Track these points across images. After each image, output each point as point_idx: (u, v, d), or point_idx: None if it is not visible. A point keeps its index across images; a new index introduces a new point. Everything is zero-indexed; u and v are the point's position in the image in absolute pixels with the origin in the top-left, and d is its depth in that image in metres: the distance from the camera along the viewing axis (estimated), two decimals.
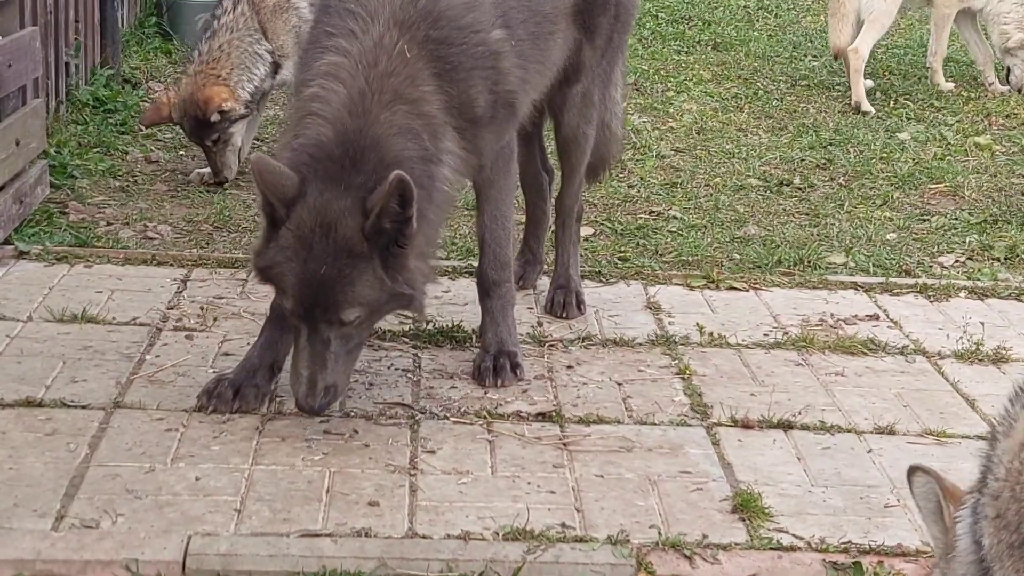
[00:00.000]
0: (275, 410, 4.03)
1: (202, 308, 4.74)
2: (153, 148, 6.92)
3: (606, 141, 5.08)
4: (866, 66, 8.63)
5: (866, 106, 8.39)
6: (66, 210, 5.75)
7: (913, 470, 2.48)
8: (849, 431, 4.04)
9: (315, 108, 3.85)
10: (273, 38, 6.52)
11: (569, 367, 4.45)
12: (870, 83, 8.90)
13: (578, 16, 4.58)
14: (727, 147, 7.47)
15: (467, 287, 4.98)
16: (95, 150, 6.67)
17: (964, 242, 6.04)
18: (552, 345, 4.62)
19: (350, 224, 3.71)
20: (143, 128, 6.96)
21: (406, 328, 4.66)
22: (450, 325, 4.64)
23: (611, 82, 4.94)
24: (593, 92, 4.80)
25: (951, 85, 8.74)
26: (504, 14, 4.17)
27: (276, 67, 6.57)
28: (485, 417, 4.04)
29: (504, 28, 4.16)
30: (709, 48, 9.88)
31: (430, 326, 4.66)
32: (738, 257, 5.68)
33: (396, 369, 4.37)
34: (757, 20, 10.93)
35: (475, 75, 4.06)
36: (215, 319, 4.67)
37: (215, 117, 6.24)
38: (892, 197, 6.70)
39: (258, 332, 4.21)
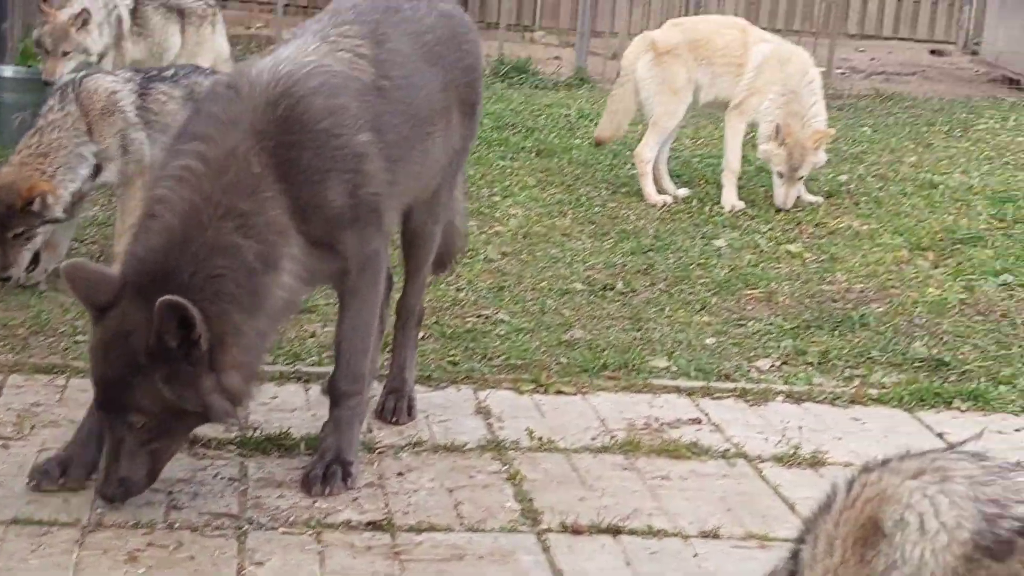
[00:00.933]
0: (96, 522, 3.91)
1: (18, 416, 4.61)
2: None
3: (451, 235, 5.15)
4: (681, 173, 8.83)
5: (656, 199, 8.74)
6: None
7: None
8: (675, 535, 4.10)
9: (157, 211, 3.91)
10: (99, 139, 6.41)
11: (400, 474, 4.43)
12: (685, 191, 9.13)
13: (452, 116, 4.65)
14: (552, 251, 7.58)
15: (295, 393, 4.95)
16: None
17: (779, 346, 6.20)
18: (382, 452, 4.60)
19: (137, 339, 3.80)
20: None
21: (232, 436, 4.59)
22: (278, 432, 4.59)
23: (457, 184, 5.02)
24: (441, 191, 4.84)
25: (742, 205, 8.86)
26: (373, 118, 4.21)
27: (98, 169, 6.47)
28: (314, 527, 4.00)
29: (371, 131, 4.20)
30: (533, 154, 10.03)
31: (257, 433, 4.60)
32: (565, 361, 5.74)
33: (222, 478, 4.30)
34: (578, 128, 11.13)
35: (332, 177, 4.10)
36: (32, 427, 4.54)
37: (36, 206, 6.09)
38: (710, 302, 6.85)
39: None
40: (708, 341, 6.23)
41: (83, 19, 8.43)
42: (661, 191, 9.04)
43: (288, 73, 4.10)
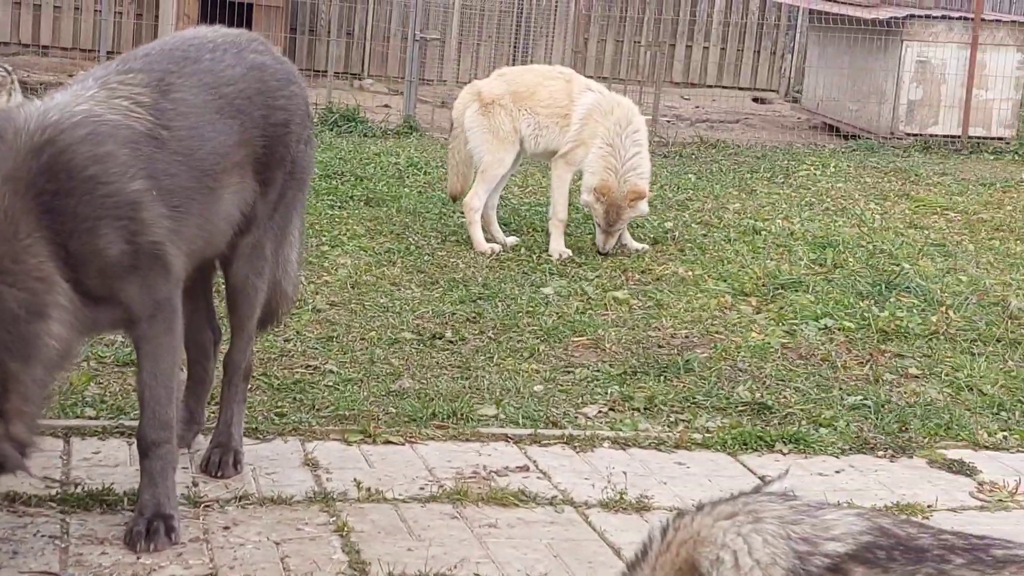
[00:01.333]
0: None
1: None
2: None
3: (276, 297, 5.09)
4: (510, 221, 8.93)
5: (484, 247, 8.89)
6: None
7: None
8: None
9: None
10: None
11: (226, 528, 4.39)
12: (514, 239, 9.24)
13: (254, 169, 4.60)
14: (381, 301, 7.59)
15: (118, 447, 4.87)
16: None
17: (606, 392, 6.30)
18: (208, 506, 4.55)
19: None
20: None
21: (53, 492, 4.50)
22: (100, 488, 4.52)
23: (286, 240, 4.98)
24: (264, 245, 4.81)
25: (568, 252, 8.94)
26: (148, 166, 4.16)
27: None
28: None
29: (147, 179, 4.16)
30: (362, 203, 10.04)
31: (78, 489, 4.51)
32: (394, 411, 5.75)
33: (42, 536, 4.22)
34: (407, 176, 11.19)
35: (103, 225, 4.04)
36: None
37: None
38: (538, 349, 6.93)
39: None
40: (536, 388, 6.30)
41: None
42: (490, 239, 9.13)
43: (55, 121, 4.02)
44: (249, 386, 5.90)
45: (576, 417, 5.94)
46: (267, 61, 4.76)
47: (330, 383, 6.11)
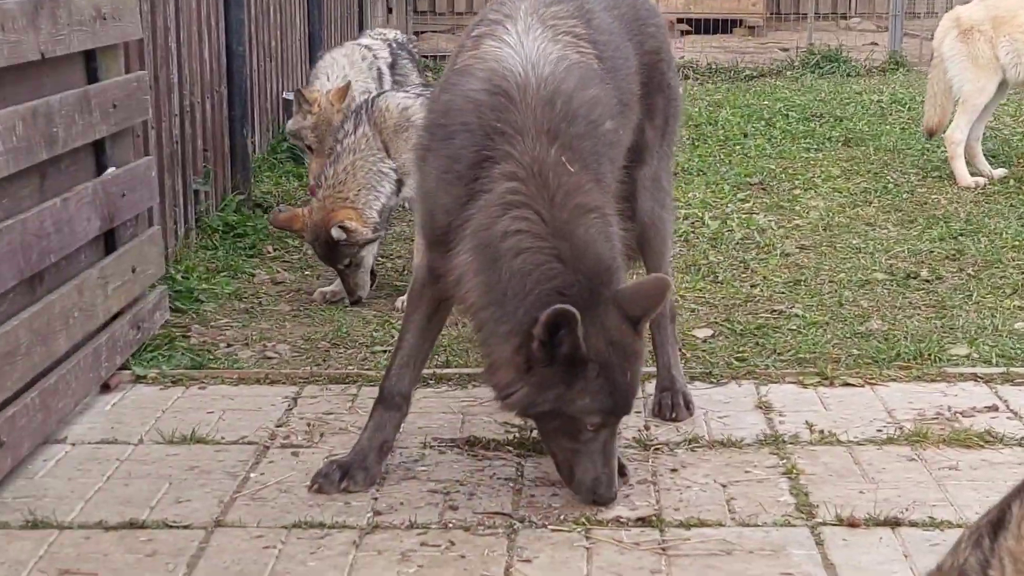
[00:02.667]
0: (373, 524, 4.03)
1: (309, 424, 4.80)
2: (279, 269, 7.07)
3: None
4: (998, 153, 8.44)
5: (969, 182, 8.44)
6: (188, 333, 5.89)
7: None
8: (960, 526, 3.88)
9: (524, 245, 3.89)
10: (396, 156, 6.59)
11: (673, 470, 4.38)
12: (1002, 171, 8.72)
13: (642, 94, 4.59)
14: (854, 242, 7.36)
15: None
16: (223, 274, 6.83)
17: None
18: (658, 448, 4.56)
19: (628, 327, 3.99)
20: (273, 227, 7.06)
21: (511, 437, 4.65)
22: None
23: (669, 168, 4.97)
24: (661, 176, 4.79)
25: None
26: (610, 102, 4.23)
27: (399, 184, 6.66)
28: (584, 524, 4.00)
29: (614, 117, 4.25)
30: (840, 144, 9.78)
31: (534, 434, 4.64)
32: (856, 352, 5.55)
33: (499, 478, 4.36)
34: (890, 114, 10.80)
35: (604, 161, 4.15)
36: (322, 435, 4.72)
37: (338, 234, 6.33)
38: (1023, 286, 6.50)
39: None
40: (1018, 326, 5.91)
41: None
42: (975, 173, 8.66)
43: (551, 73, 4.09)
44: (711, 332, 5.92)
45: None
46: None
47: (794, 327, 5.98)
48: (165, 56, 6.79)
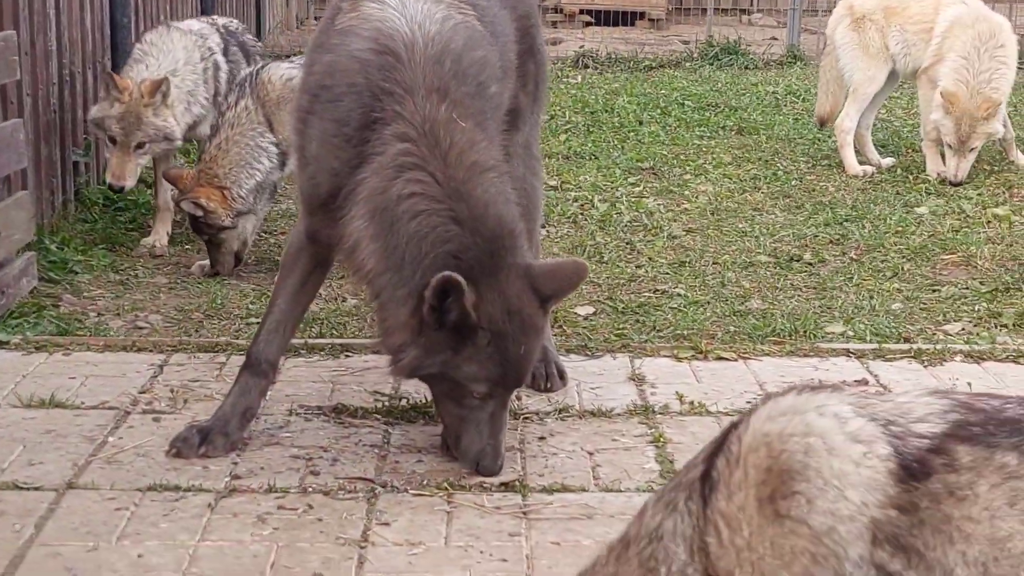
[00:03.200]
0: (230, 488, 3.95)
1: (173, 391, 4.70)
2: (157, 245, 6.92)
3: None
4: (888, 143, 8.51)
5: (857, 170, 8.48)
6: (58, 303, 5.75)
7: None
8: None
9: (420, 207, 3.84)
10: (279, 130, 6.45)
11: (541, 438, 4.35)
12: (890, 161, 8.80)
13: (516, 59, 4.56)
14: (740, 226, 7.38)
15: None
16: (100, 246, 6.68)
17: (972, 310, 5.89)
18: (527, 417, 4.52)
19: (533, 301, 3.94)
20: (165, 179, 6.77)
21: (379, 405, 4.58)
22: (423, 401, 4.55)
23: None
24: (532, 144, 4.76)
25: (945, 169, 8.34)
26: (495, 62, 4.20)
27: (283, 159, 6.52)
28: (446, 489, 3.95)
29: (498, 80, 4.23)
30: (732, 133, 9.82)
31: (403, 402, 4.58)
32: (734, 329, 5.56)
33: (363, 445, 4.29)
34: (784, 105, 10.86)
35: (491, 120, 4.14)
36: (186, 401, 4.62)
37: (190, 208, 6.23)
38: (903, 269, 6.56)
39: None
40: (894, 307, 5.96)
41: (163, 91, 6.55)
42: (863, 161, 8.73)
43: (438, 32, 4.02)
44: (592, 310, 5.90)
45: (934, 334, 5.56)
46: None
47: (675, 305, 5.97)
48: (43, 22, 6.62)
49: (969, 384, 4.70)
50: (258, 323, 5.25)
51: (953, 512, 2.17)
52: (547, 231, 7.08)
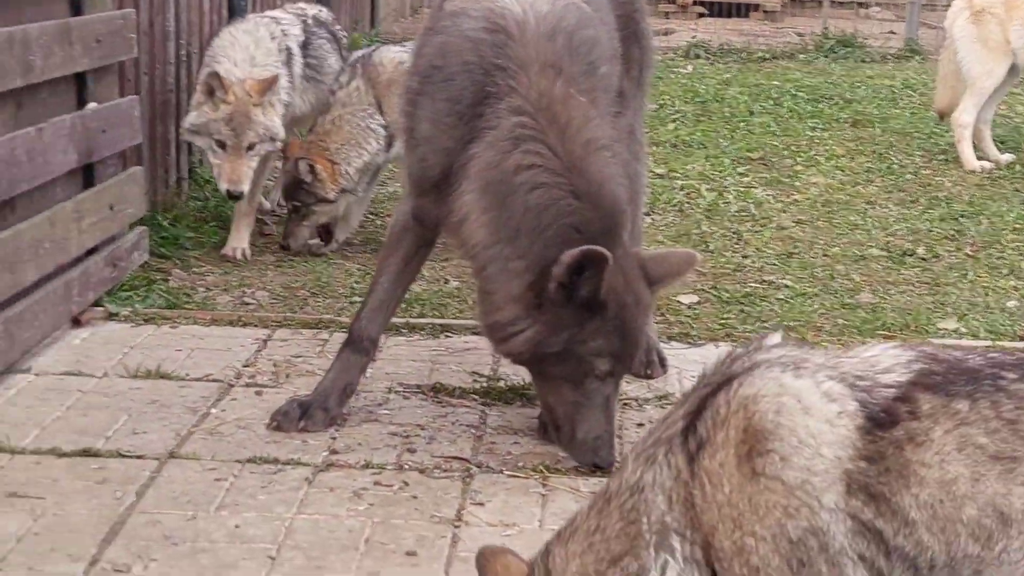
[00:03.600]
0: (327, 462, 3.97)
1: (276, 365, 4.74)
2: (268, 222, 7.00)
3: None
4: (1008, 139, 8.33)
5: (974, 165, 8.33)
6: (168, 277, 5.83)
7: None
8: None
9: (540, 179, 3.80)
10: (388, 112, 6.48)
11: (640, 424, 4.31)
12: (1009, 157, 8.60)
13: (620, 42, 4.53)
14: (852, 219, 7.26)
15: None
16: (211, 224, 6.76)
17: None
18: (627, 403, 4.48)
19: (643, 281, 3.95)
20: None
21: (477, 386, 4.58)
22: (521, 383, 4.54)
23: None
24: (636, 128, 4.71)
25: None
26: (604, 41, 4.19)
27: (390, 141, 6.56)
28: (542, 471, 3.93)
29: (612, 58, 4.24)
30: (847, 125, 9.67)
31: (501, 384, 4.57)
32: (843, 322, 5.47)
33: (460, 425, 4.29)
34: (901, 99, 10.68)
35: (606, 99, 4.13)
36: (287, 376, 4.66)
37: (303, 169, 6.26)
38: (1020, 267, 6.41)
39: None
40: (1010, 304, 5.82)
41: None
42: (982, 157, 8.55)
43: (549, 11, 4.00)
44: (696, 299, 5.84)
45: None
46: None
47: (782, 296, 5.90)
48: (161, 3, 6.71)
49: None
50: (361, 302, 5.29)
51: (911, 457, 2.28)
52: (652, 219, 7.03)
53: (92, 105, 5.15)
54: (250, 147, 6.10)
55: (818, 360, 2.40)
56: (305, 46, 6.71)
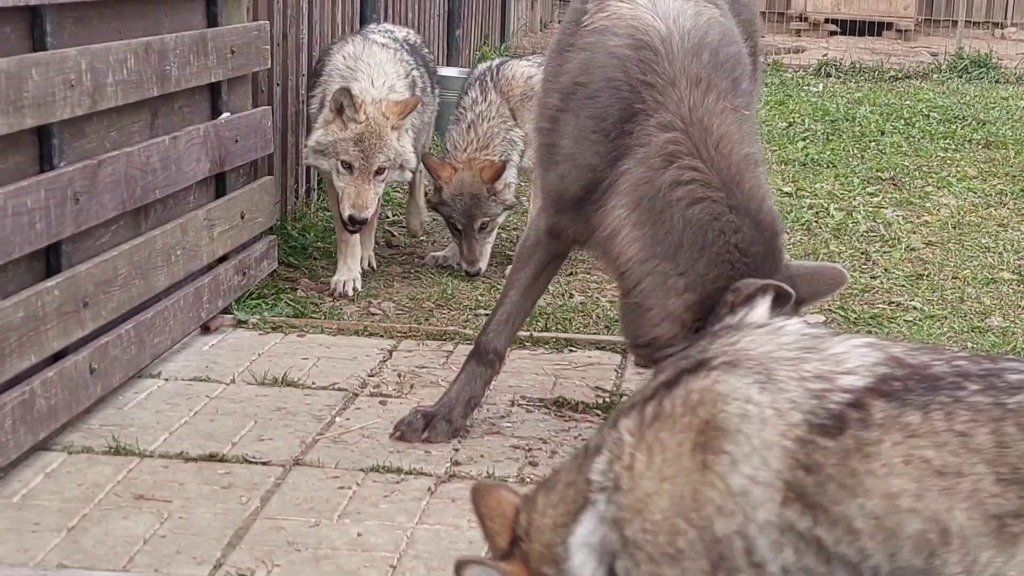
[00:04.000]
0: (450, 473, 3.99)
1: (400, 376, 4.77)
2: (395, 233, 7.06)
3: None
4: None
5: None
6: (296, 286, 5.90)
7: (462, 564, 2.58)
8: None
9: (698, 194, 3.77)
10: (521, 125, 6.52)
11: None
12: None
13: None
14: (983, 241, 7.12)
15: None
16: None
17: None
18: None
19: None
20: (422, 164, 6.43)
21: (600, 401, 4.57)
22: None
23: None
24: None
25: None
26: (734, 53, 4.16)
27: (522, 154, 6.58)
28: None
29: (746, 80, 4.20)
30: (979, 146, 9.50)
31: (623, 399, 4.55)
32: (971, 346, 5.36)
33: (583, 440, 4.27)
34: None
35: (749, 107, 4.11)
36: (412, 387, 4.69)
37: (500, 185, 6.25)
38: None
39: None
40: None
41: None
42: None
43: (692, 27, 3.98)
44: (824, 319, 5.77)
45: None
46: None
47: (910, 319, 5.80)
48: (296, 15, 6.82)
49: None
50: (487, 314, 5.31)
51: (858, 467, 2.28)
52: None
53: (226, 115, 5.24)
54: (379, 171, 5.76)
55: (789, 355, 2.43)
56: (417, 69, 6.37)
